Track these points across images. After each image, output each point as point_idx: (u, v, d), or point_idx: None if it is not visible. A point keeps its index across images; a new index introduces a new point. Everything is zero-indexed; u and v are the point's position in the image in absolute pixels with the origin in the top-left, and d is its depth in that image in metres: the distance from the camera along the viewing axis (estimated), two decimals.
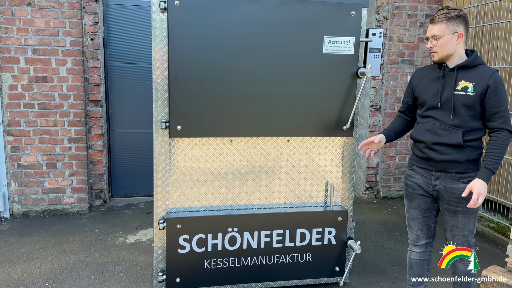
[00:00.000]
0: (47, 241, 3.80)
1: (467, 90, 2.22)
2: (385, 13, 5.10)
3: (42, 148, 4.41)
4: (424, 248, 2.54)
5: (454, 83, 2.26)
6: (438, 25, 2.22)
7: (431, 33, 2.25)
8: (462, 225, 2.32)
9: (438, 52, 2.26)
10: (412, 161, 2.48)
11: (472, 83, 2.21)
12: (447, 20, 2.20)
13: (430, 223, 2.49)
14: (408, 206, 2.52)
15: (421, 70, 2.48)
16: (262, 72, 2.61)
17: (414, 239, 2.54)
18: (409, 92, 2.52)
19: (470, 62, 2.25)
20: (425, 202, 2.44)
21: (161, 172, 2.68)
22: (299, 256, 2.85)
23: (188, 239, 2.65)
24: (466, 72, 2.25)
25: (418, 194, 2.44)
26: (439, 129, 2.29)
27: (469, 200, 2.24)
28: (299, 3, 2.57)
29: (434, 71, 2.38)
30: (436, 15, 2.25)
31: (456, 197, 2.28)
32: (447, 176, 2.30)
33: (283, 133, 2.74)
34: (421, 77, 2.43)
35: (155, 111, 2.61)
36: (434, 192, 2.37)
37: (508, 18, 4.05)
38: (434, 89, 2.32)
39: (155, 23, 2.52)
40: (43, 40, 4.24)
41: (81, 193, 4.56)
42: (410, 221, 2.53)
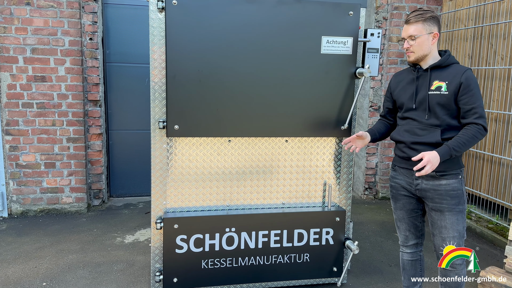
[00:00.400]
0: (45, 240, 3.80)
1: (440, 90, 2.25)
2: (384, 14, 5.10)
3: (41, 148, 4.41)
4: (414, 248, 2.55)
5: (428, 83, 2.29)
6: (414, 25, 2.24)
7: (408, 33, 2.27)
8: (451, 225, 2.29)
9: (415, 52, 2.28)
10: (394, 162, 2.51)
11: (445, 82, 2.24)
12: (423, 21, 2.23)
13: (417, 223, 2.50)
14: (394, 207, 2.56)
15: (398, 74, 2.52)
16: (260, 72, 2.61)
17: (403, 240, 2.56)
18: (388, 96, 2.55)
19: (443, 62, 2.28)
20: (409, 203, 2.45)
21: (158, 172, 2.68)
22: (296, 256, 2.84)
23: (186, 239, 2.65)
24: (439, 72, 2.28)
25: (402, 195, 2.46)
26: (418, 129, 2.31)
27: (453, 197, 2.26)
28: (297, 3, 2.57)
29: (409, 74, 2.41)
30: (411, 16, 2.27)
31: (439, 194, 2.29)
32: (428, 175, 2.30)
33: (281, 133, 2.74)
34: (398, 80, 2.47)
35: (153, 110, 2.61)
36: (417, 192, 2.37)
37: (507, 19, 4.05)
38: (410, 91, 2.35)
39: (153, 22, 2.52)
40: (42, 40, 4.24)
41: (79, 193, 4.56)
42: (398, 222, 2.56)
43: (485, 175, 4.37)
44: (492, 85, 4.24)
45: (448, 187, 2.28)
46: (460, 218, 2.31)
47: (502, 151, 4.13)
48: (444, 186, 2.28)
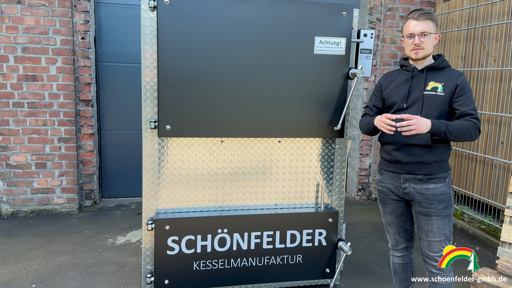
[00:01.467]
0: (35, 242, 3.75)
1: (436, 90, 2.23)
2: (378, 15, 5.10)
3: (31, 148, 4.36)
4: (404, 251, 2.54)
5: (424, 83, 2.26)
6: (425, 22, 2.19)
7: (419, 30, 2.19)
8: (437, 229, 2.27)
9: (424, 48, 2.22)
10: (381, 165, 2.46)
11: (441, 84, 2.23)
12: (432, 20, 2.22)
13: (407, 226, 2.48)
14: (383, 212, 2.52)
15: (388, 74, 2.48)
16: (253, 72, 2.59)
17: (393, 244, 2.55)
18: (377, 96, 2.47)
19: (439, 64, 2.28)
20: (398, 207, 2.42)
21: (150, 172, 2.65)
22: (289, 257, 2.83)
23: (177, 240, 2.62)
24: (435, 74, 2.27)
25: (390, 199, 2.42)
26: None
27: (440, 201, 2.24)
28: (290, 2, 2.56)
29: (402, 74, 2.38)
30: (419, 13, 2.21)
31: (427, 198, 2.26)
32: (416, 178, 2.28)
33: (274, 134, 2.72)
34: (389, 80, 2.42)
35: (144, 110, 2.58)
36: (405, 195, 2.34)
37: (500, 21, 4.06)
38: (403, 91, 2.32)
39: (145, 21, 2.49)
40: (33, 39, 4.19)
41: (70, 194, 4.51)
42: (387, 226, 2.53)
43: (478, 176, 4.38)
44: (484, 87, 4.26)
45: (436, 191, 2.25)
46: (446, 222, 2.28)
47: (494, 152, 4.14)
48: (432, 190, 2.25)
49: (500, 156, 4.07)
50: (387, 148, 2.36)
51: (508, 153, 3.98)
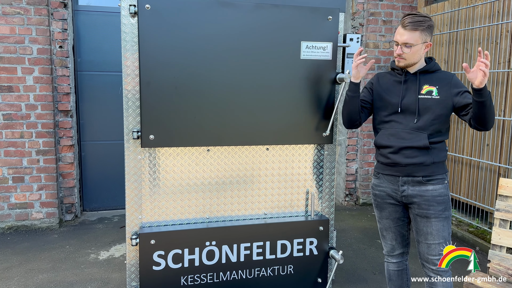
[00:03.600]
0: (13, 260, 3.58)
1: (432, 94, 2.22)
2: (360, 20, 5.11)
3: (8, 161, 4.18)
4: (400, 258, 2.50)
5: (418, 87, 2.24)
6: (411, 33, 2.15)
7: (403, 40, 2.17)
8: (436, 231, 2.24)
9: (406, 59, 2.22)
10: (377, 169, 2.42)
11: (436, 87, 2.22)
12: (422, 30, 2.16)
13: (403, 232, 2.44)
14: (379, 216, 2.47)
15: (381, 74, 2.44)
16: (238, 78, 2.52)
17: (389, 250, 2.50)
18: (368, 90, 2.44)
19: (431, 67, 2.27)
20: (395, 211, 2.38)
21: (133, 184, 2.54)
22: (280, 268, 2.74)
23: (163, 255, 2.51)
24: (428, 77, 2.26)
25: (388, 203, 2.38)
26: (404, 132, 2.24)
27: (439, 203, 2.23)
28: (275, 7, 2.50)
29: (394, 76, 2.36)
30: (408, 20, 2.16)
31: (426, 200, 2.23)
32: (414, 180, 2.25)
33: (261, 141, 2.64)
34: (383, 82, 2.39)
35: (126, 120, 2.48)
36: (404, 198, 2.31)
37: (481, 24, 4.10)
38: (396, 94, 2.30)
39: (125, 28, 2.40)
40: (8, 48, 4.04)
41: (50, 208, 4.34)
42: (384, 231, 2.48)
43: (465, 178, 4.39)
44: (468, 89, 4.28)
45: (435, 193, 2.23)
46: (445, 224, 2.26)
47: (480, 154, 4.16)
48: (431, 192, 2.23)
49: (486, 158, 4.08)
50: (384, 152, 2.32)
51: (493, 155, 3.99)
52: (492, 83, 3.98)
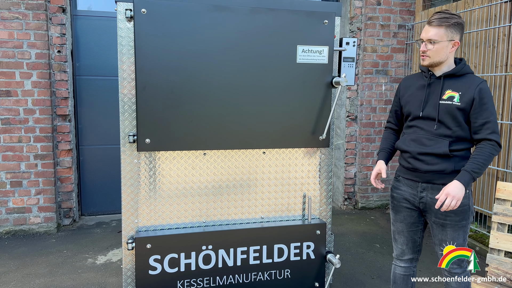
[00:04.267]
0: (11, 264, 3.57)
1: (453, 100, 2.14)
2: (358, 24, 5.12)
3: (6, 166, 4.18)
4: (409, 263, 2.47)
5: (440, 92, 2.18)
6: (436, 29, 2.10)
7: (427, 36, 2.13)
8: (451, 239, 2.23)
9: (430, 56, 2.15)
10: (399, 172, 2.40)
11: (459, 93, 2.13)
12: (447, 26, 2.10)
13: (416, 238, 2.42)
14: (394, 219, 2.44)
15: (407, 78, 2.41)
16: (235, 82, 2.52)
17: (399, 253, 2.47)
18: (396, 101, 2.44)
19: (458, 70, 2.17)
20: (411, 216, 2.36)
21: (129, 188, 2.54)
22: (277, 272, 2.73)
23: (159, 259, 2.50)
24: (453, 81, 2.18)
25: (404, 207, 2.36)
26: (425, 138, 2.21)
27: (457, 213, 2.18)
28: (271, 11, 2.51)
29: (420, 79, 2.30)
30: (435, 17, 2.12)
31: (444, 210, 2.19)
32: (434, 188, 2.21)
33: (258, 145, 2.64)
34: (407, 85, 2.36)
35: (122, 124, 2.48)
36: (421, 205, 2.28)
37: (478, 28, 4.11)
38: (419, 98, 2.25)
39: (121, 32, 2.40)
40: (7, 53, 4.05)
41: (48, 212, 4.34)
42: (396, 234, 2.45)
43: None
44: None
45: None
46: (461, 233, 2.23)
47: None
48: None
49: None
50: (405, 156, 2.31)
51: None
52: (490, 87, 3.98)
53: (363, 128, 5.20)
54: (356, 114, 5.27)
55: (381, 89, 5.17)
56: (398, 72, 5.19)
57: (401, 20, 5.12)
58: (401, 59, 5.18)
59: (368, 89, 5.14)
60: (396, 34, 5.13)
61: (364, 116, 5.19)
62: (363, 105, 5.18)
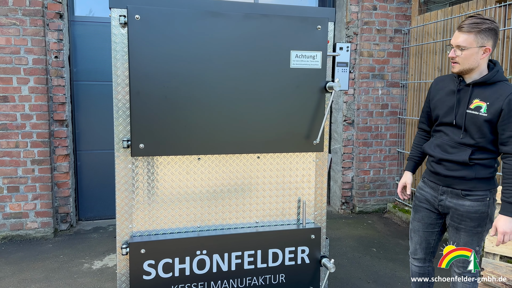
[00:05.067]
0: (6, 270, 3.57)
1: (479, 110, 2.11)
2: (354, 29, 5.15)
3: (3, 171, 4.19)
4: (422, 262, 2.55)
5: (468, 100, 2.15)
6: (466, 35, 2.06)
7: (456, 42, 2.10)
8: (464, 244, 2.27)
9: (460, 63, 2.13)
10: (425, 174, 2.48)
11: (486, 103, 2.10)
12: (477, 32, 2.04)
13: (430, 239, 2.47)
14: (412, 217, 2.55)
15: (439, 79, 2.40)
16: (228, 87, 2.53)
17: (412, 251, 2.58)
18: (427, 102, 2.46)
19: (488, 79, 2.12)
20: (428, 217, 2.43)
21: (123, 193, 2.54)
22: (271, 277, 2.73)
23: (154, 264, 2.51)
24: (482, 90, 2.13)
25: (423, 208, 2.45)
26: (448, 146, 2.25)
27: (473, 219, 2.21)
28: (265, 17, 2.52)
29: (451, 84, 2.28)
30: (466, 22, 2.07)
31: (459, 214, 2.25)
32: (453, 192, 2.26)
33: (252, 150, 2.65)
34: (438, 88, 2.36)
35: (116, 129, 2.49)
36: (440, 207, 2.34)
37: None
38: (448, 104, 2.25)
39: (115, 38, 2.42)
40: (4, 58, 4.07)
41: (45, 217, 4.34)
42: (412, 232, 2.56)
43: None
44: None
45: (470, 209, 2.20)
46: (475, 239, 2.25)
47: None
48: (467, 208, 2.21)
49: None
50: (429, 160, 2.40)
51: None
52: None
53: (360, 132, 5.21)
54: (353, 119, 5.28)
55: (377, 94, 5.18)
56: (394, 77, 5.21)
57: (397, 25, 5.14)
58: (398, 63, 5.20)
59: (365, 94, 5.16)
60: (393, 39, 5.15)
61: (361, 121, 5.20)
62: (359, 109, 5.19)
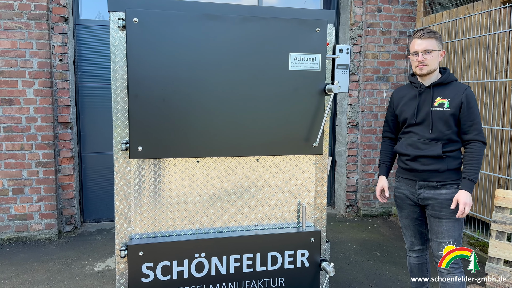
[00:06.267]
0: (10, 271, 3.60)
1: (443, 106, 2.41)
2: (359, 31, 5.12)
3: (8, 173, 4.23)
4: (420, 253, 2.74)
5: (431, 100, 2.44)
6: (429, 40, 2.40)
7: (423, 47, 2.40)
8: (447, 231, 2.45)
9: (428, 65, 2.41)
10: (398, 173, 2.69)
11: (448, 99, 2.41)
12: (436, 38, 2.41)
13: (422, 230, 2.69)
14: (400, 216, 2.74)
15: (398, 90, 2.68)
16: (227, 90, 2.53)
17: (409, 245, 2.76)
18: (390, 111, 2.71)
19: (445, 79, 2.45)
20: (414, 211, 2.63)
21: (122, 196, 2.55)
22: (271, 281, 2.71)
23: (152, 267, 2.51)
24: (441, 89, 2.45)
25: (407, 204, 2.64)
26: (420, 143, 2.48)
27: (455, 209, 2.41)
28: (263, 19, 2.52)
29: (411, 90, 2.57)
30: (423, 32, 2.41)
31: (439, 202, 2.46)
32: (430, 185, 2.49)
33: (251, 152, 2.64)
34: (400, 96, 2.63)
35: (115, 132, 2.50)
36: (420, 201, 2.55)
37: (478, 33, 4.08)
38: (413, 107, 2.51)
39: (114, 41, 2.43)
40: (9, 62, 4.12)
41: (49, 219, 4.37)
42: (404, 229, 2.75)
43: None
44: None
45: (447, 196, 2.44)
46: (456, 225, 2.46)
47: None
48: (444, 195, 2.44)
49: (485, 169, 4.02)
50: (403, 158, 2.59)
51: (493, 165, 3.93)
52: (490, 93, 3.94)
53: (365, 134, 5.17)
54: (358, 121, 5.25)
55: (382, 96, 5.14)
56: (399, 79, 5.17)
57: (402, 27, 5.10)
58: (403, 65, 5.16)
59: (369, 96, 5.12)
60: (397, 41, 5.11)
61: (365, 123, 5.16)
62: (364, 112, 5.15)
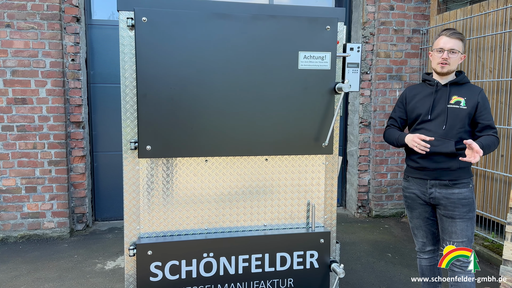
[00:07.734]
0: (22, 268, 3.64)
1: (460, 104, 2.44)
2: (371, 29, 5.06)
3: (21, 172, 4.29)
4: (431, 254, 2.69)
5: (448, 97, 2.46)
6: (456, 41, 2.41)
7: (450, 46, 2.41)
8: (460, 231, 2.43)
9: (450, 64, 2.43)
10: (407, 173, 2.64)
11: (464, 98, 2.44)
12: (462, 41, 2.45)
13: (433, 230, 2.64)
14: (410, 216, 2.69)
15: (412, 88, 2.67)
16: (236, 89, 2.51)
17: (420, 247, 2.71)
18: (401, 107, 2.67)
19: (460, 80, 2.49)
20: (425, 211, 2.59)
21: (131, 195, 2.56)
22: (279, 281, 2.69)
23: (160, 266, 2.51)
24: (457, 89, 2.48)
25: (418, 204, 2.60)
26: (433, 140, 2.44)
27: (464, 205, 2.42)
28: (272, 18, 2.49)
29: (426, 88, 2.57)
30: (453, 31, 2.43)
31: (452, 202, 2.43)
32: (441, 184, 2.46)
33: (260, 152, 2.62)
34: (414, 94, 2.61)
35: (124, 131, 2.51)
36: (431, 200, 2.51)
37: (493, 31, 3.99)
38: (427, 104, 2.51)
39: (123, 40, 2.44)
40: (22, 62, 4.17)
41: (61, 217, 4.42)
42: (415, 230, 2.70)
43: (479, 190, 4.24)
44: None
45: (460, 196, 2.43)
46: (469, 224, 2.45)
47: (494, 165, 4.01)
48: (457, 195, 2.43)
49: (500, 169, 3.94)
50: (414, 157, 2.55)
51: (508, 166, 3.85)
52: (506, 92, 3.85)
53: (377, 134, 5.11)
54: (370, 120, 5.19)
55: (395, 95, 5.07)
56: (412, 78, 5.09)
57: (415, 25, 5.02)
58: (416, 64, 5.08)
59: (382, 95, 5.06)
60: (410, 39, 5.03)
61: (377, 122, 5.10)
62: (376, 111, 5.09)
